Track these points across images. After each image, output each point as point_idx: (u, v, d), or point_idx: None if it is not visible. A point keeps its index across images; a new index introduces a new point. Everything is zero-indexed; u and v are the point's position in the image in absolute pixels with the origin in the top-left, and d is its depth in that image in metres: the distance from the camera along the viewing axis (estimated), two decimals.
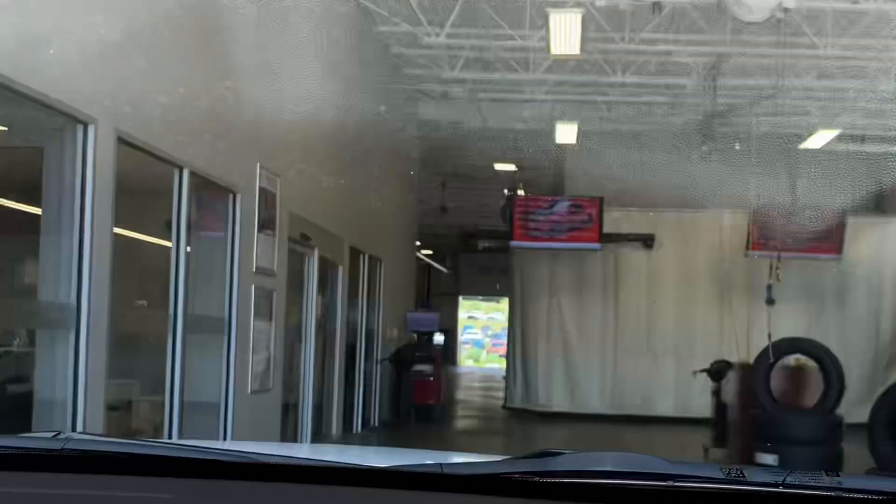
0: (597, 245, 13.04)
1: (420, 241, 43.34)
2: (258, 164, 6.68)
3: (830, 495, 1.06)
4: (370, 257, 10.81)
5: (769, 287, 8.56)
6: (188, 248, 5.51)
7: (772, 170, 14.86)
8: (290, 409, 8.10)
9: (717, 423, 9.45)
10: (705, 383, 13.57)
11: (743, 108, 12.26)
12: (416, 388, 11.85)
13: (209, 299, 6.24)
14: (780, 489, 1.06)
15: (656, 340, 13.80)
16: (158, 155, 5.27)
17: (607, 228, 13.25)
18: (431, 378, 12.20)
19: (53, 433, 1.20)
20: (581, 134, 12.53)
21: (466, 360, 50.68)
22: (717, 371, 9.43)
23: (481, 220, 37.09)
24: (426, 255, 47.42)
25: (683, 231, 13.85)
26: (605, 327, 13.91)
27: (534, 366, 14.08)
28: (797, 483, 1.06)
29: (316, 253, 8.39)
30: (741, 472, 1.09)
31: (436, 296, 50.73)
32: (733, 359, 12.25)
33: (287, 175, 7.43)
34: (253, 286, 6.63)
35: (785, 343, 7.88)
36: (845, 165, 15.40)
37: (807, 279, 13.54)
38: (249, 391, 6.59)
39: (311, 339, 8.35)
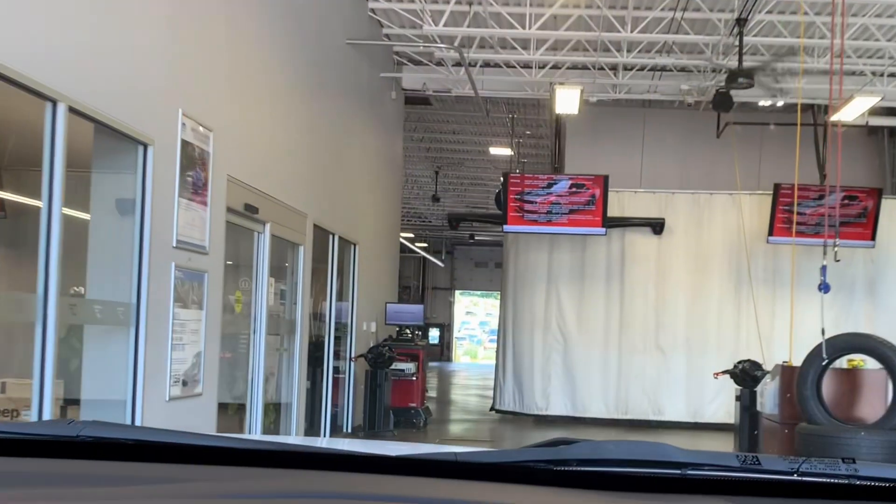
0: (601, 230, 11.69)
1: (413, 233, 41.97)
2: (180, 111, 5.31)
3: (846, 483, 1.05)
4: (341, 240, 9.45)
5: (824, 269, 7.18)
6: (63, 211, 4.14)
7: (795, 146, 13.48)
8: (231, 418, 6.75)
9: (744, 436, 8.09)
10: (722, 385, 12.24)
11: (767, 71, 10.89)
12: (394, 390, 10.50)
13: (108, 279, 4.88)
14: (796, 477, 1.05)
15: (666, 336, 12.45)
16: (27, 85, 3.91)
17: (612, 211, 11.91)
18: (414, 378, 10.84)
19: (69, 421, 1.21)
20: (584, 102, 11.17)
21: (463, 357, 49.64)
22: (744, 373, 8.07)
23: (476, 211, 35.67)
24: (420, 248, 46.16)
25: (698, 214, 12.49)
26: (608, 321, 12.56)
27: (528, 364, 12.72)
28: (813, 471, 1.06)
29: (268, 229, 7.03)
30: (757, 460, 1.08)
31: (430, 290, 49.49)
32: (753, 357, 10.96)
33: (226, 131, 6.08)
34: (173, 265, 5.27)
35: (842, 340, 6.49)
36: (879, 142, 14.08)
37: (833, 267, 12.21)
38: (168, 397, 5.23)
39: (262, 333, 6.99)
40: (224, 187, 6.10)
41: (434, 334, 49.99)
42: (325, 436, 9.11)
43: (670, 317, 12.44)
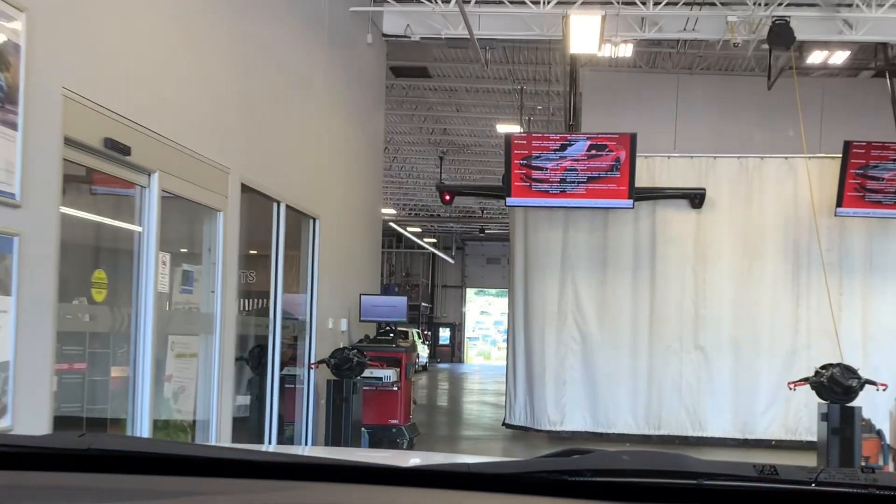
0: (627, 202, 9.51)
1: (421, 228, 39.70)
2: None
3: (864, 493, 1.05)
4: (293, 211, 7.32)
5: None
6: None
7: (869, 99, 11.28)
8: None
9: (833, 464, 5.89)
10: (776, 392, 10.06)
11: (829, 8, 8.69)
12: (370, 403, 8.38)
13: None
14: (813, 487, 1.05)
15: (708, 334, 10.26)
16: None
17: (641, 181, 9.74)
18: (395, 388, 8.70)
19: (79, 434, 1.22)
20: (605, 42, 8.99)
21: (476, 358, 47.52)
22: (832, 383, 5.90)
23: (485, 202, 33.50)
24: (429, 244, 44.02)
25: (746, 183, 10.29)
26: (636, 316, 10.38)
27: (539, 368, 10.56)
28: (830, 480, 1.05)
29: (155, 182, 4.91)
30: (774, 470, 1.07)
31: (440, 288, 47.30)
32: (819, 356, 8.76)
33: (62, 18, 3.99)
34: None
35: None
36: None
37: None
38: None
39: (147, 332, 4.86)
40: (57, 106, 3.99)
41: (445, 335, 47.93)
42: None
43: (713, 310, 10.24)
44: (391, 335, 9.16)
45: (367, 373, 8.13)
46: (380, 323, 9.24)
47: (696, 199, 10.18)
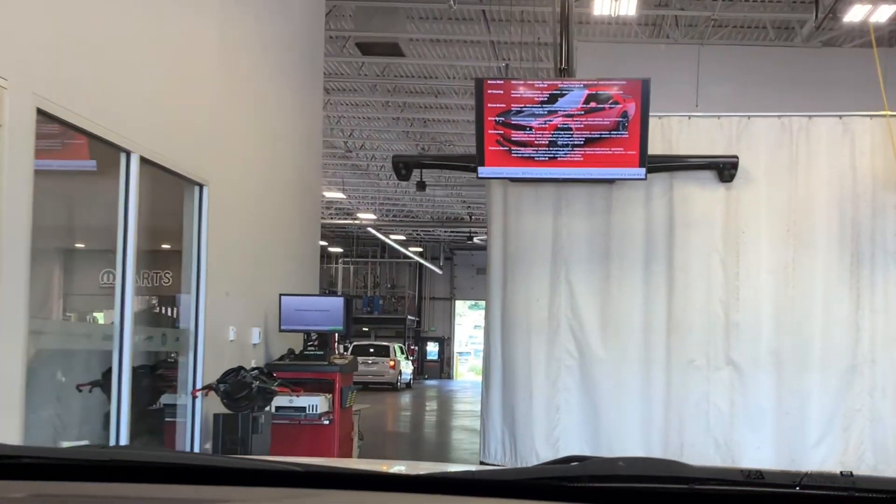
0: (638, 171, 7.26)
1: (405, 236, 37.46)
2: None
3: (845, 495, 1.11)
4: (154, 168, 5.02)
5: None
6: None
7: None
8: None
9: None
10: (831, 419, 7.80)
11: None
12: (291, 442, 6.06)
13: None
14: (798, 490, 1.12)
15: (742, 345, 7.98)
16: None
17: (654, 147, 7.51)
18: (325, 421, 6.39)
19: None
20: None
21: (467, 374, 45.15)
22: None
23: (476, 203, 31.33)
24: (415, 253, 41.73)
25: (789, 150, 8.04)
26: (649, 322, 8.12)
27: (524, 391, 8.27)
28: (813, 484, 1.12)
29: None
30: (760, 475, 1.14)
31: (428, 300, 45.04)
32: (888, 373, 6.55)
33: None
34: None
35: None
36: None
37: None
38: None
39: None
40: None
41: (432, 349, 45.55)
42: None
43: (748, 314, 7.98)
44: (323, 350, 6.84)
45: (284, 401, 5.84)
46: (308, 333, 6.93)
47: (725, 170, 7.92)
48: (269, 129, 7.06)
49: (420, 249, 41.91)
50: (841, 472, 1.15)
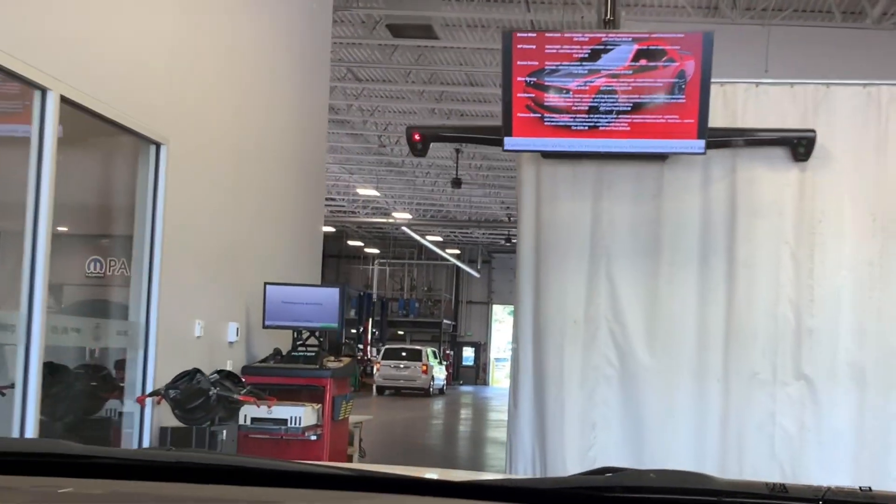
0: (696, 144, 6.08)
1: (443, 237, 36.40)
2: None
3: None
4: (78, 110, 3.95)
5: None
6: None
7: None
8: None
9: None
10: None
11: None
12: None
13: None
14: (820, 503, 1.17)
15: (816, 355, 6.72)
16: None
17: (715, 119, 6.32)
18: (313, 437, 5.29)
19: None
20: None
21: (505, 380, 43.91)
22: None
23: (515, 204, 30.28)
24: (453, 256, 40.62)
25: (878, 125, 6.78)
26: (706, 327, 6.92)
27: (555, 403, 7.11)
28: (835, 499, 1.18)
29: None
30: (784, 488, 1.21)
31: (465, 304, 43.95)
32: None
33: None
34: None
35: None
36: None
37: None
38: None
39: None
40: None
41: (468, 354, 44.40)
42: None
43: (824, 319, 6.72)
44: (315, 350, 5.74)
45: (262, 412, 4.76)
46: (298, 331, 5.84)
47: (799, 146, 6.68)
48: (255, 86, 5.99)
49: (458, 252, 40.85)
50: (860, 488, 1.21)
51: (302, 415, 5.22)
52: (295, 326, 5.77)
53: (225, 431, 4.33)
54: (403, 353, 30.07)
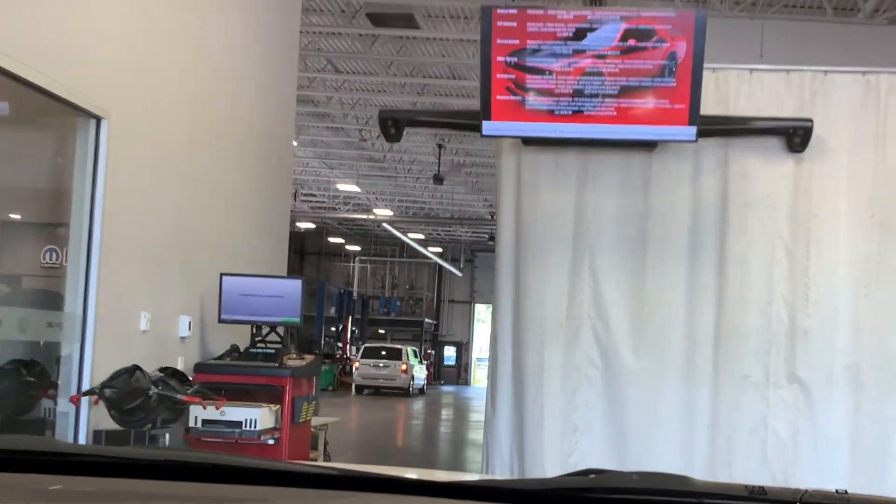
0: (687, 131, 5.74)
1: (425, 235, 36.02)
2: None
3: None
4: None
5: None
6: None
7: None
8: None
9: None
10: None
11: None
12: None
13: None
14: None
15: (811, 357, 6.39)
16: None
17: (707, 106, 5.96)
18: (271, 441, 4.89)
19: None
20: None
21: (486, 380, 43.64)
22: None
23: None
24: (435, 254, 40.24)
25: (877, 115, 6.46)
26: (695, 327, 6.59)
27: (534, 405, 6.75)
28: (812, 501, 1.21)
29: None
30: (763, 490, 1.25)
31: (447, 303, 43.57)
32: None
33: None
34: None
35: None
36: None
37: None
38: None
39: None
40: None
41: (450, 353, 44.03)
42: None
43: (820, 319, 6.40)
44: (276, 347, 5.34)
45: (213, 414, 4.36)
46: (258, 325, 5.44)
47: (795, 136, 6.34)
48: (215, 62, 5.57)
49: (440, 250, 40.46)
50: (836, 490, 1.23)
51: (258, 417, 4.83)
52: (253, 321, 5.38)
53: (168, 435, 3.94)
54: (383, 352, 29.68)
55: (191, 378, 4.36)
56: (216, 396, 4.41)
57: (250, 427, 4.80)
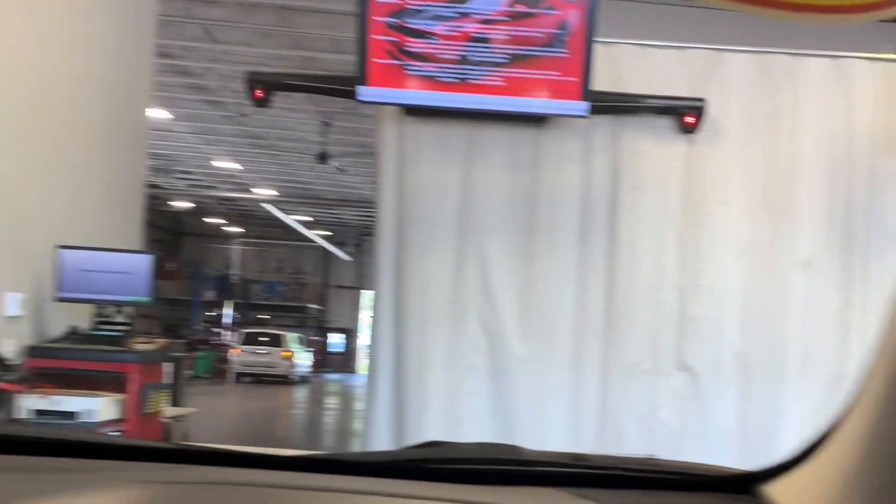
0: (578, 106, 5.51)
1: (312, 218, 35.21)
2: None
3: (649, 476, 1.37)
4: None
5: None
6: None
7: None
8: None
9: None
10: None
11: None
12: None
13: None
14: (618, 472, 1.37)
15: (700, 345, 6.30)
16: None
17: (600, 81, 5.74)
18: (114, 433, 4.37)
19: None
20: None
21: None
22: None
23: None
24: (321, 237, 39.46)
25: (772, 98, 6.39)
26: (584, 313, 6.42)
27: (417, 397, 6.46)
28: (623, 466, 1.39)
29: None
30: (585, 458, 1.47)
31: (333, 289, 42.88)
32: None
33: None
34: None
35: None
36: None
37: None
38: None
39: None
40: None
41: (337, 341, 43.44)
42: None
43: (710, 306, 6.32)
44: (123, 329, 4.83)
45: (46, 403, 3.85)
46: (100, 304, 4.91)
47: (688, 117, 6.20)
48: (50, 12, 4.96)
49: (328, 234, 39.74)
50: (650, 456, 1.59)
51: (98, 406, 4.32)
52: (96, 299, 4.84)
53: None
54: (264, 338, 28.87)
55: (21, 363, 3.84)
56: (45, 384, 3.88)
57: (90, 418, 4.29)
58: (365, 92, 5.32)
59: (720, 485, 1.38)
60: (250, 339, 29.05)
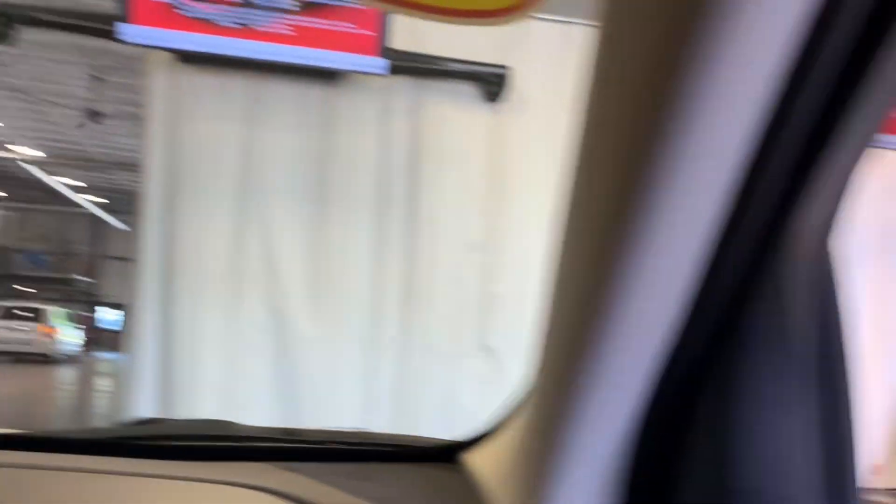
0: (375, 63, 5.08)
1: (86, 182, 32.59)
2: None
3: (357, 449, 1.45)
4: None
5: None
6: None
7: None
8: None
9: None
10: None
11: None
12: None
13: None
14: (331, 445, 1.43)
15: (504, 326, 6.06)
16: None
17: (399, 40, 5.34)
18: None
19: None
20: None
21: None
22: None
23: None
24: (96, 204, 36.77)
25: (573, 69, 6.15)
26: (380, 290, 6.04)
27: (188, 379, 5.81)
28: (333, 439, 1.45)
29: None
30: (299, 432, 1.49)
31: (105, 260, 40.17)
32: None
33: None
34: None
35: None
36: None
37: None
38: None
39: None
40: None
41: (112, 317, 40.88)
42: None
43: (513, 284, 6.08)
44: None
45: None
46: None
47: (492, 85, 5.92)
48: None
49: (105, 201, 37.14)
50: (360, 430, 1.80)
51: None
52: None
53: None
54: (20, 313, 26.52)
55: None
56: None
57: None
58: (129, 32, 4.60)
59: (427, 455, 1.46)
60: (6, 314, 26.61)
